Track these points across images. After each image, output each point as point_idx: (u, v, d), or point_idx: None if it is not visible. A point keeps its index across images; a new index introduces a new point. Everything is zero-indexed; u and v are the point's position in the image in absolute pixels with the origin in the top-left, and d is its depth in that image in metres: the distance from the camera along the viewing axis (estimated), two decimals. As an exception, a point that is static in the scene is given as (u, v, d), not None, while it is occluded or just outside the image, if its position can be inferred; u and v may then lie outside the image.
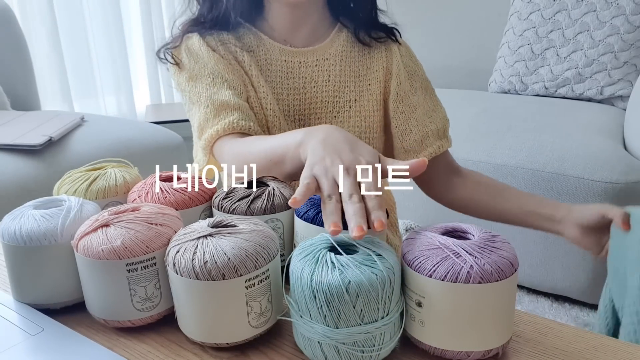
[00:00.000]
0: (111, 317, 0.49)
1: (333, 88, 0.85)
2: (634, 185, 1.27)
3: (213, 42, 0.84)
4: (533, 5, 1.93)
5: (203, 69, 0.82)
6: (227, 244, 0.45)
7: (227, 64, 0.82)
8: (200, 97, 0.80)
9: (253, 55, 0.85)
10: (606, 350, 0.47)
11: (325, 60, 0.86)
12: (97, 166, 0.67)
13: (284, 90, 0.85)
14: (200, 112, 0.79)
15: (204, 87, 0.80)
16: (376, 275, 0.41)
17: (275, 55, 0.85)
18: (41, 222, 0.51)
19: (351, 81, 0.86)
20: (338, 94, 0.86)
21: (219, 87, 0.79)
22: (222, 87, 0.79)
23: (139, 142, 1.57)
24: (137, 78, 2.53)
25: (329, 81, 0.85)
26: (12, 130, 1.45)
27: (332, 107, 0.86)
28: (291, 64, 0.85)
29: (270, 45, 0.85)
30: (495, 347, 0.44)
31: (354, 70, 0.87)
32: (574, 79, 1.83)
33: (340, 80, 0.86)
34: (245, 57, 0.83)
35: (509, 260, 0.43)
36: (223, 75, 0.80)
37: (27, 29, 2.01)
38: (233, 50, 0.84)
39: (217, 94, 0.78)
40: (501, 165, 1.41)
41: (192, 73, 0.82)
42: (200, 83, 0.81)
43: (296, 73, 0.85)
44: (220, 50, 0.83)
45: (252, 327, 0.46)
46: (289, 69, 0.85)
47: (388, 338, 0.43)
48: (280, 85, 0.85)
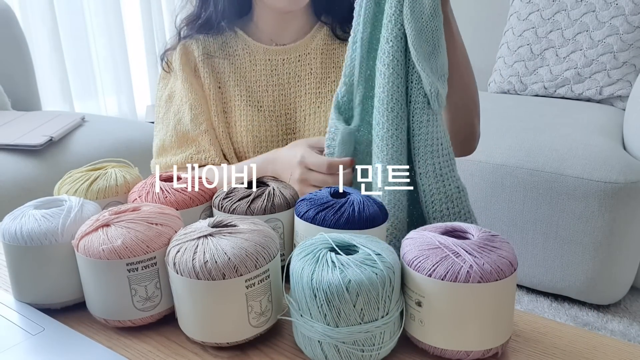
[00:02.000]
0: (112, 317, 0.49)
1: (315, 80, 0.89)
2: (632, 185, 1.27)
3: (196, 52, 0.89)
4: (532, 5, 1.93)
5: (177, 89, 0.89)
6: (228, 243, 0.45)
7: (195, 83, 0.88)
8: (169, 123, 0.88)
9: (237, 59, 0.90)
10: (606, 350, 0.47)
11: (307, 54, 0.89)
12: (98, 166, 0.67)
13: (269, 87, 0.89)
14: (166, 136, 0.88)
15: (172, 113, 0.88)
16: (376, 274, 0.41)
17: (259, 56, 0.90)
18: (42, 222, 0.51)
19: (332, 72, 0.90)
20: (320, 85, 0.89)
21: (184, 112, 0.87)
22: (187, 115, 0.86)
23: (139, 142, 1.57)
24: (137, 78, 2.53)
25: (310, 74, 0.89)
26: (13, 130, 1.45)
27: (315, 98, 0.89)
28: (275, 62, 0.89)
29: (255, 47, 0.90)
30: (494, 347, 0.44)
31: (334, 61, 0.90)
32: (573, 79, 1.83)
33: (321, 72, 0.89)
34: (226, 67, 0.90)
35: (508, 259, 0.43)
36: (187, 95, 0.87)
37: (27, 30, 2.01)
38: (215, 62, 0.90)
39: (181, 122, 0.87)
40: (501, 165, 1.41)
41: (171, 93, 0.90)
42: (172, 106, 0.89)
43: (280, 70, 0.89)
44: (199, 64, 0.89)
45: (253, 327, 0.46)
46: (273, 67, 0.89)
47: (388, 337, 0.43)
48: (265, 83, 0.89)
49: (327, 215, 0.51)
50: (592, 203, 1.30)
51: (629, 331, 1.34)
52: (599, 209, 1.30)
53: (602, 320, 1.39)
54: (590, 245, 1.34)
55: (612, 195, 1.28)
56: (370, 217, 0.52)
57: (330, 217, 0.51)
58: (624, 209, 1.29)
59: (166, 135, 0.88)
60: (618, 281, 1.39)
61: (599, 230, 1.32)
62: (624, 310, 1.43)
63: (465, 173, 1.45)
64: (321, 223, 0.51)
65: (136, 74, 2.51)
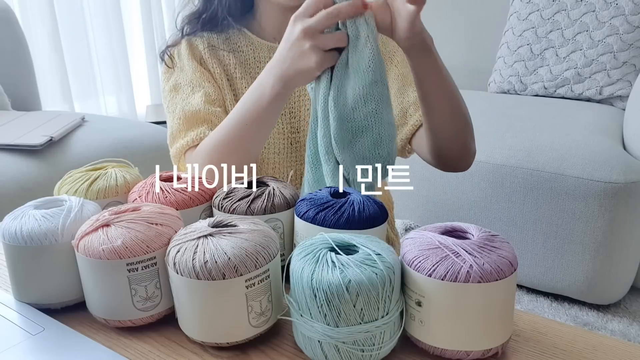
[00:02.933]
0: (112, 317, 0.49)
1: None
2: (633, 185, 1.27)
3: (201, 46, 0.88)
4: (532, 5, 1.93)
5: (184, 79, 0.87)
6: (228, 243, 0.45)
7: (206, 72, 0.87)
8: (176, 108, 0.85)
9: (241, 55, 0.89)
10: (605, 350, 0.47)
11: None
12: (98, 166, 0.67)
13: None
14: (174, 122, 0.84)
15: (180, 99, 0.86)
16: (376, 274, 0.41)
17: (263, 53, 0.89)
18: (42, 222, 0.51)
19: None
20: None
21: (194, 96, 0.84)
22: (196, 95, 0.84)
23: (139, 142, 1.57)
24: (137, 78, 2.53)
25: None
26: (13, 130, 1.45)
27: None
28: None
29: (258, 44, 0.89)
30: (494, 347, 0.44)
31: None
32: (573, 79, 1.83)
33: None
34: (232, 59, 0.88)
35: (508, 259, 0.43)
36: (200, 84, 0.85)
37: (27, 29, 2.02)
38: (220, 54, 0.89)
39: (190, 104, 0.83)
40: (500, 165, 1.41)
41: (175, 84, 0.88)
42: (179, 94, 0.86)
43: None
44: (205, 55, 0.88)
45: (253, 327, 0.46)
46: None
47: (388, 337, 0.43)
48: None
49: (327, 215, 0.51)
50: (592, 203, 1.30)
51: (629, 331, 1.34)
52: (599, 209, 1.30)
53: (602, 320, 1.39)
54: (590, 245, 1.34)
55: (612, 195, 1.28)
56: (370, 217, 0.52)
57: (330, 217, 0.51)
58: (624, 209, 1.29)
59: (174, 121, 0.85)
60: (618, 281, 1.39)
61: (599, 230, 1.32)
62: (624, 310, 1.43)
63: (466, 173, 1.45)
64: (321, 223, 0.51)
65: (136, 74, 2.52)
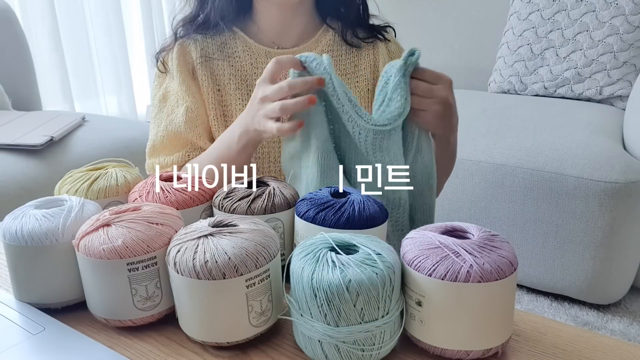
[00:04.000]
0: (112, 317, 0.49)
1: None
2: (633, 185, 1.27)
3: (194, 54, 0.85)
4: (532, 5, 1.93)
5: (172, 89, 0.86)
6: (228, 243, 0.45)
7: (193, 85, 0.85)
8: (161, 123, 0.86)
9: (237, 61, 0.86)
10: (605, 350, 0.47)
11: None
12: (98, 166, 0.67)
13: None
14: (157, 137, 0.86)
15: (165, 114, 0.86)
16: (376, 274, 0.41)
17: (261, 58, 0.86)
18: (42, 221, 0.51)
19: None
20: None
21: (178, 110, 0.84)
22: (180, 110, 0.84)
23: (139, 142, 1.57)
24: (137, 78, 2.53)
25: None
26: (14, 130, 1.45)
27: None
28: None
29: (256, 49, 0.86)
30: (494, 346, 0.44)
31: (340, 68, 0.88)
32: (574, 79, 1.83)
33: None
34: (226, 69, 0.86)
35: (508, 259, 0.43)
36: (184, 97, 0.84)
37: (28, 29, 2.01)
38: (214, 65, 0.86)
39: (173, 123, 0.84)
40: (501, 165, 1.41)
41: (165, 92, 0.87)
42: (165, 107, 0.87)
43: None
44: (197, 66, 0.85)
45: (253, 326, 0.46)
46: None
47: (388, 337, 0.43)
48: None
49: (327, 215, 0.51)
50: (592, 203, 1.30)
51: (629, 331, 1.34)
52: (599, 209, 1.30)
53: (602, 320, 1.39)
54: (591, 244, 1.34)
55: (612, 195, 1.28)
56: (370, 217, 0.52)
57: (331, 216, 0.51)
58: (624, 209, 1.29)
59: (157, 136, 0.86)
60: (618, 281, 1.39)
61: (599, 230, 1.32)
62: (624, 310, 1.43)
63: (465, 173, 1.45)
64: (321, 223, 0.51)
65: (136, 73, 2.51)
